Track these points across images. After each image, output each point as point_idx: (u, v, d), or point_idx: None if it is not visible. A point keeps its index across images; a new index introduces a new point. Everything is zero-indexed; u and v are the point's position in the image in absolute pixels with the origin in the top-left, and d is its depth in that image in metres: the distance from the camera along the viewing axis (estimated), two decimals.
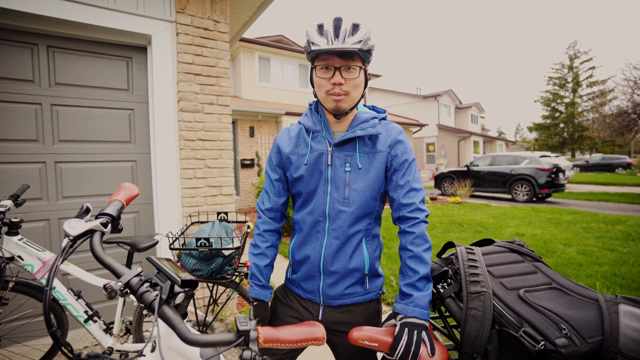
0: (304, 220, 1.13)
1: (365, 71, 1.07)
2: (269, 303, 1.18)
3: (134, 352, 1.84)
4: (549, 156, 11.95)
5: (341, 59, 0.99)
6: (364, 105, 1.20)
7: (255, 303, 1.14)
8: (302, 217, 1.14)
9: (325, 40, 0.97)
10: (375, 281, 1.15)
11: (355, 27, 0.97)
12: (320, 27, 0.99)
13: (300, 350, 1.16)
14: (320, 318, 1.11)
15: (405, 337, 0.92)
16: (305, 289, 1.14)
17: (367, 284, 1.11)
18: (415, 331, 0.94)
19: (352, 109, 1.08)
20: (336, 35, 0.96)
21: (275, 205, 1.20)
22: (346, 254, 1.08)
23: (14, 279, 1.76)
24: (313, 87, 1.10)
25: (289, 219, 4.72)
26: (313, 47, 0.99)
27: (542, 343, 0.79)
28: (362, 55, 1.00)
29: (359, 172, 1.07)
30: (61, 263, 0.69)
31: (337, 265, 1.08)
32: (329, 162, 1.08)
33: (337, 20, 0.98)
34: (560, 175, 10.00)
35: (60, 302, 1.76)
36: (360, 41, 0.96)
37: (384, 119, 1.16)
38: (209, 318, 1.99)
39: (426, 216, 1.09)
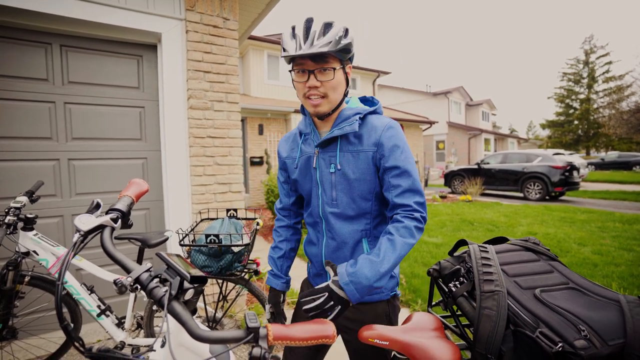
0: (307, 220, 1.19)
1: (344, 70, 1.02)
2: (282, 292, 1.24)
3: (145, 346, 1.87)
4: (562, 154, 11.70)
5: (314, 62, 0.96)
6: (361, 98, 1.17)
7: (270, 289, 1.24)
8: (305, 217, 1.20)
9: (295, 44, 0.94)
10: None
11: (326, 27, 0.93)
12: (293, 30, 0.96)
13: (325, 351, 1.20)
14: None
15: (318, 301, 0.88)
16: (317, 284, 1.18)
17: None
18: (332, 303, 0.88)
19: (335, 109, 1.05)
20: (306, 37, 0.93)
21: (286, 205, 1.27)
22: (345, 254, 1.08)
23: (29, 273, 1.81)
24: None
25: None
26: (283, 53, 0.97)
27: (560, 345, 0.76)
28: (337, 56, 0.96)
29: (340, 172, 1.05)
30: (73, 258, 0.70)
31: (338, 264, 1.08)
32: (314, 165, 1.09)
33: (308, 22, 0.94)
34: (575, 173, 9.77)
35: (74, 297, 1.79)
36: (330, 42, 0.92)
37: (375, 112, 1.09)
38: (219, 314, 2.00)
39: (422, 217, 0.98)
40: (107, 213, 0.82)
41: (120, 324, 1.86)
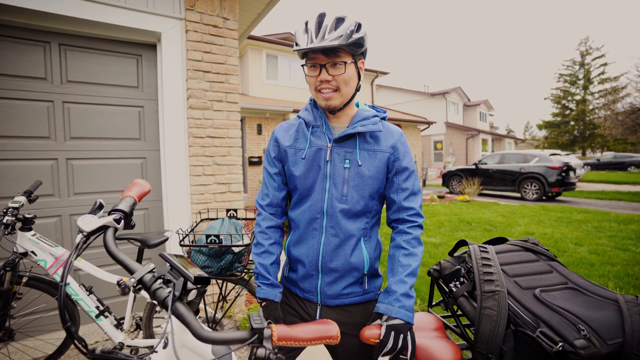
0: (300, 217, 1.10)
1: (356, 65, 1.03)
2: (279, 304, 1.11)
3: (144, 347, 1.86)
4: (559, 154, 11.76)
5: (325, 56, 0.98)
6: (365, 105, 1.19)
7: (264, 303, 1.08)
8: (298, 214, 1.11)
9: (307, 38, 0.96)
10: (374, 281, 1.13)
11: (338, 21, 0.95)
12: (306, 25, 0.98)
13: (300, 350, 1.14)
14: (317, 318, 1.09)
15: (390, 342, 0.93)
16: (302, 289, 1.12)
17: (365, 284, 1.09)
18: (402, 335, 0.94)
19: (347, 104, 1.06)
20: (317, 31, 0.95)
21: (274, 200, 1.16)
22: (346, 252, 1.06)
23: (27, 274, 1.80)
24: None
25: None
26: (295, 47, 1.00)
27: (561, 344, 0.77)
28: (349, 50, 0.97)
29: (358, 169, 1.05)
30: (75, 259, 0.69)
31: (337, 262, 1.06)
32: (328, 158, 1.06)
33: (320, 17, 0.96)
34: (571, 173, 9.84)
35: (72, 298, 1.78)
36: (341, 36, 0.93)
37: (384, 119, 1.14)
38: (218, 315, 2.00)
39: (422, 222, 1.10)
40: (109, 214, 0.82)
41: (119, 325, 1.86)
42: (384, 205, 1.15)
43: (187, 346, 0.82)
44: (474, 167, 11.69)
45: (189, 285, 0.68)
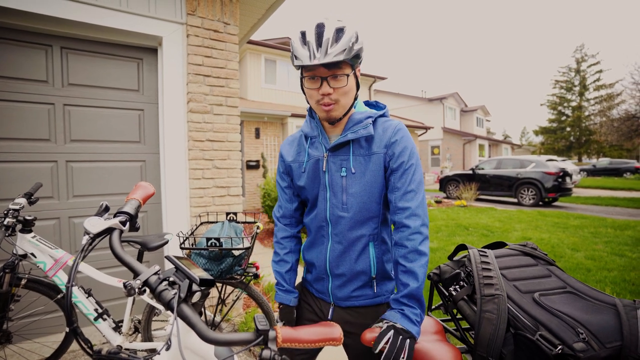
0: (311, 224, 1.16)
1: (356, 74, 1.02)
2: (294, 307, 1.18)
3: (142, 350, 1.85)
4: (555, 160, 11.84)
5: (327, 69, 0.94)
6: (365, 102, 1.16)
7: (281, 307, 1.19)
8: (309, 221, 1.17)
9: (308, 52, 0.92)
10: (386, 285, 1.12)
11: (338, 33, 0.91)
12: (303, 36, 0.94)
13: (318, 351, 1.17)
14: (330, 317, 1.13)
15: (390, 337, 0.89)
16: (317, 289, 1.18)
17: (375, 287, 1.10)
18: (401, 337, 0.88)
19: (346, 113, 1.04)
20: (319, 45, 0.91)
21: (287, 212, 1.22)
22: (351, 257, 1.07)
23: (26, 276, 1.79)
24: (305, 94, 1.07)
25: None
26: (296, 62, 0.95)
27: (560, 347, 0.78)
28: (350, 62, 0.95)
29: (353, 176, 1.04)
30: (82, 260, 0.70)
31: (343, 268, 1.08)
32: (324, 169, 1.07)
33: (319, 27, 0.92)
34: (567, 179, 9.90)
35: (71, 300, 1.77)
36: (344, 50, 0.90)
37: (383, 115, 1.10)
38: (217, 318, 1.99)
39: (422, 225, 0.98)
40: (115, 216, 0.82)
41: (117, 327, 1.85)
42: None
43: (190, 348, 0.83)
44: (471, 172, 11.75)
45: (194, 287, 0.69)
